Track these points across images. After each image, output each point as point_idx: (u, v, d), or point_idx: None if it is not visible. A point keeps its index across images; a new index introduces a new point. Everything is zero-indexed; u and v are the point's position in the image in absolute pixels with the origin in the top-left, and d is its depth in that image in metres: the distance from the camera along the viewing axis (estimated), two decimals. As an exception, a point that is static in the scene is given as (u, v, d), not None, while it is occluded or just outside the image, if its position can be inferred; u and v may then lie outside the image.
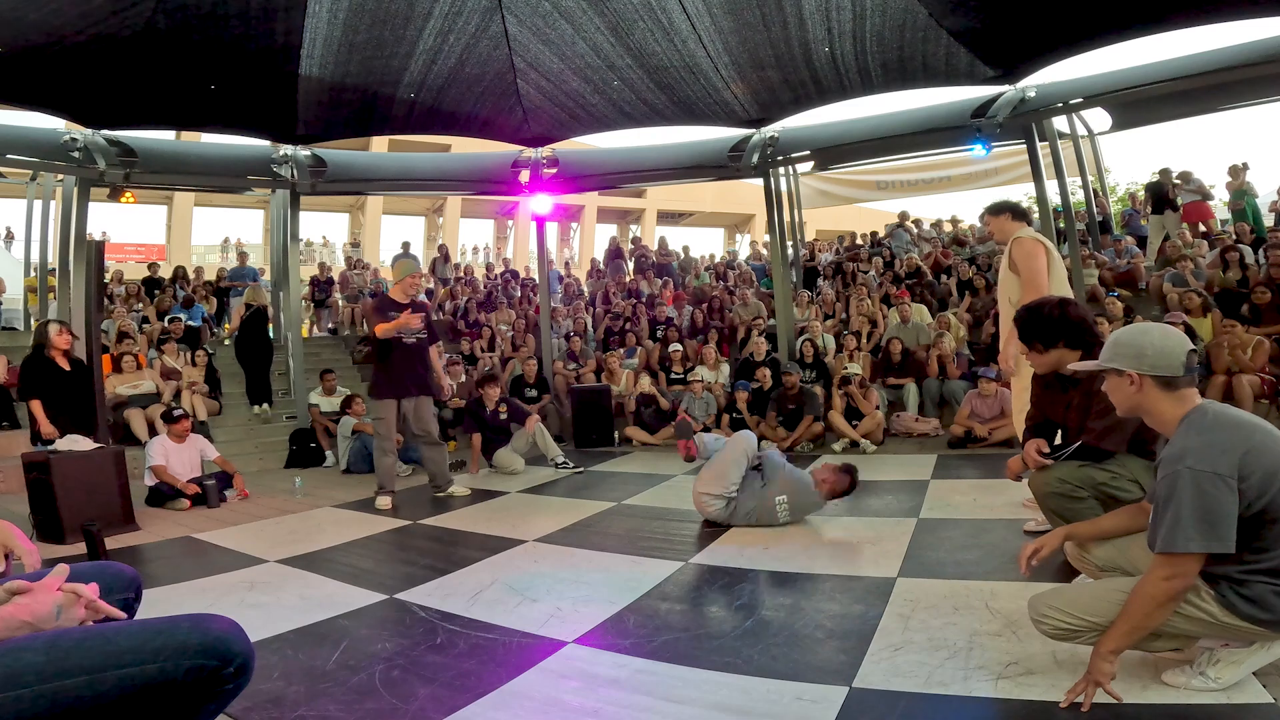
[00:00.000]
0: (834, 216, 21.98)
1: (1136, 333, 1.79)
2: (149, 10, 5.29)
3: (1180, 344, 1.74)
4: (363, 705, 1.97)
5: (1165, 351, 1.72)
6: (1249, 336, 5.95)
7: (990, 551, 3.10)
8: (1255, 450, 1.59)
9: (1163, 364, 1.72)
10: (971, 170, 11.77)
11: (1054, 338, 2.62)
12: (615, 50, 6.54)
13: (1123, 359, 1.77)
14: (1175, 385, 1.73)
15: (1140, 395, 1.77)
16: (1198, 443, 1.62)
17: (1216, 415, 1.69)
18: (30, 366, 5.02)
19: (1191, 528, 1.57)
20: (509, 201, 16.09)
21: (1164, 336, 1.75)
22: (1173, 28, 5.98)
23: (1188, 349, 1.73)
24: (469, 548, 3.74)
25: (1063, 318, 2.60)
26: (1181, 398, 1.74)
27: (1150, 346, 1.73)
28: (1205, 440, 1.62)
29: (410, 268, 5.28)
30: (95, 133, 6.97)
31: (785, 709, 1.86)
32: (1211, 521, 1.56)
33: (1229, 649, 1.73)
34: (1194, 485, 1.57)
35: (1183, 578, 1.60)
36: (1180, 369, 1.72)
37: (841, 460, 4.17)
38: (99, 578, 1.45)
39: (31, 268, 9.33)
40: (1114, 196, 16.95)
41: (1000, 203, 4.04)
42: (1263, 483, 1.57)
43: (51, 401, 4.95)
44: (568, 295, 12.26)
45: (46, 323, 5.28)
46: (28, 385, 4.99)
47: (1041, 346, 2.67)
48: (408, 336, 4.98)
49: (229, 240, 23.49)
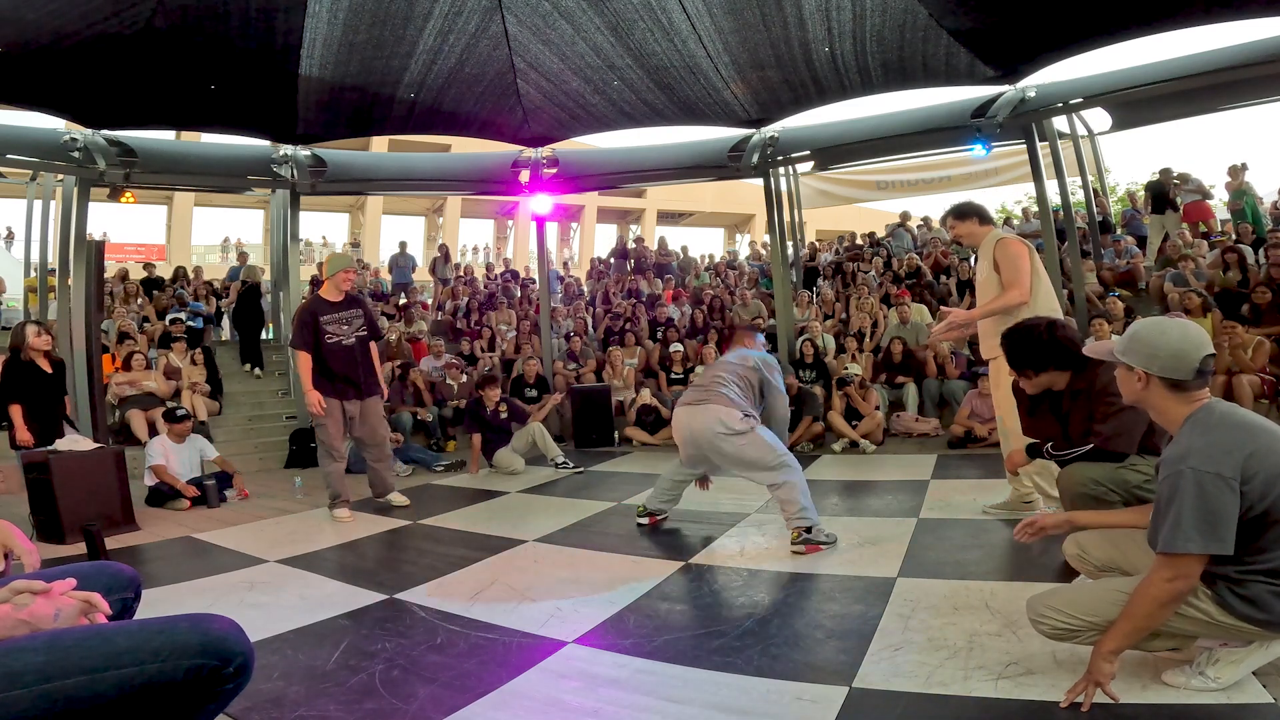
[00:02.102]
0: (834, 216, 22.00)
1: (1155, 331, 1.74)
2: (149, 10, 5.29)
3: (1197, 348, 1.69)
4: (363, 705, 1.97)
5: (1179, 355, 1.69)
6: (1249, 336, 5.94)
7: (990, 551, 3.10)
8: (1260, 452, 1.57)
9: (1173, 367, 1.69)
10: (971, 170, 11.76)
11: (1044, 362, 2.60)
12: (615, 50, 6.54)
13: (1135, 355, 1.75)
14: (1184, 388, 1.71)
15: (1145, 393, 1.76)
16: (1201, 443, 1.61)
17: (1223, 415, 1.67)
18: (9, 370, 4.85)
19: (1192, 528, 1.56)
20: (509, 201, 16.09)
21: (1182, 339, 1.70)
22: (1173, 28, 5.98)
23: (1204, 354, 1.69)
24: (469, 548, 3.74)
25: (1051, 341, 2.58)
26: (1189, 398, 1.72)
27: (1165, 349, 1.70)
28: (1209, 440, 1.61)
29: (343, 262, 5.00)
30: (95, 133, 6.97)
31: (785, 709, 1.86)
32: (1212, 523, 1.55)
33: (1228, 649, 1.73)
34: (1196, 486, 1.56)
35: (1185, 579, 1.59)
36: (1191, 374, 1.69)
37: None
38: (99, 578, 1.46)
39: (31, 268, 9.32)
40: (1114, 196, 16.95)
41: (965, 205, 3.87)
42: (1266, 485, 1.56)
43: (33, 404, 4.80)
44: (568, 295, 12.27)
45: (24, 324, 5.08)
46: (6, 390, 4.79)
47: (1032, 372, 2.65)
48: (346, 338, 4.70)
49: (229, 240, 23.52)
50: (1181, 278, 7.68)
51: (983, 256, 3.71)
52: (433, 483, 6.02)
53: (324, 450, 4.74)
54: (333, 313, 4.72)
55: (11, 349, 4.97)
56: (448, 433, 7.90)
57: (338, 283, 4.81)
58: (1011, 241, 3.58)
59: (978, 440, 5.99)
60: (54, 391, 4.96)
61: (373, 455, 4.93)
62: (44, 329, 5.02)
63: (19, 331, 4.99)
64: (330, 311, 4.72)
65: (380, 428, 4.97)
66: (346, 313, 4.76)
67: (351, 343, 4.74)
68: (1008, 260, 3.51)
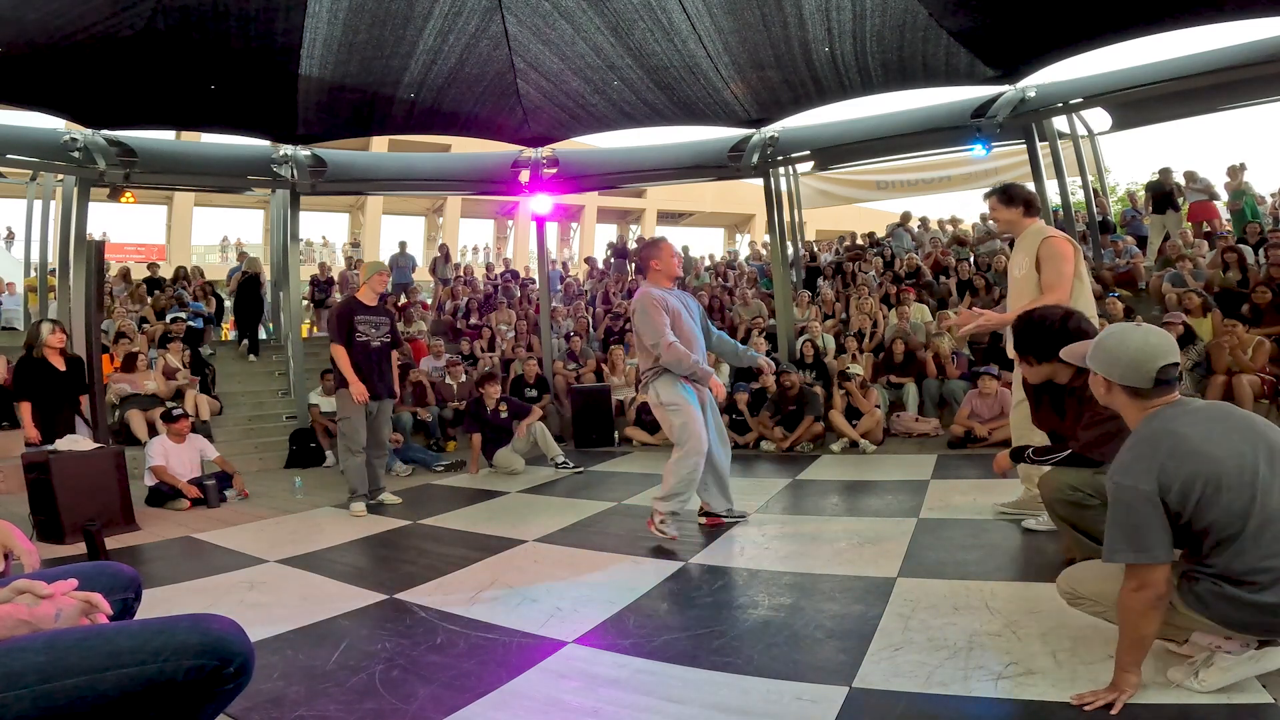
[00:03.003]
0: (834, 216, 21.99)
1: (1118, 340, 1.77)
2: (149, 10, 5.29)
3: (1155, 357, 1.70)
4: (363, 705, 1.97)
5: (1135, 365, 1.71)
6: (1249, 336, 5.94)
7: (990, 551, 3.10)
8: (1170, 467, 1.61)
9: (1131, 377, 1.73)
10: (971, 170, 11.77)
11: (1050, 351, 2.46)
12: (615, 50, 6.54)
13: (1098, 362, 1.79)
14: (1143, 395, 1.74)
15: (1110, 398, 1.81)
16: (1127, 457, 1.68)
17: (1157, 426, 1.69)
18: (22, 368, 4.95)
19: (1121, 540, 1.63)
20: (509, 201, 16.09)
21: (1141, 349, 1.71)
22: (1173, 28, 5.98)
23: (1163, 363, 1.69)
24: (469, 548, 3.74)
25: (1062, 331, 2.46)
26: (1149, 405, 1.74)
27: (1124, 357, 1.73)
28: (1134, 454, 1.67)
29: (378, 267, 5.26)
30: (95, 133, 6.98)
31: (785, 709, 1.86)
32: (1135, 535, 1.61)
33: (1222, 654, 1.73)
34: (1117, 499, 1.65)
35: (1150, 586, 1.62)
36: (1149, 383, 1.71)
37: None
38: (99, 578, 1.46)
39: (32, 268, 9.33)
40: (1114, 196, 16.95)
41: (1012, 189, 3.58)
42: (1181, 496, 1.60)
43: (46, 402, 4.90)
44: (568, 295, 12.27)
45: (39, 323, 5.21)
46: (19, 387, 4.93)
47: (1034, 360, 2.56)
48: (374, 340, 4.96)
49: (228, 240, 23.51)
50: (1180, 278, 7.68)
51: (1023, 250, 3.47)
52: (433, 483, 6.02)
53: (346, 444, 4.93)
54: (366, 314, 4.98)
55: (26, 346, 5.08)
56: (448, 433, 7.91)
57: (374, 285, 5.10)
58: (1059, 240, 3.32)
59: (978, 440, 5.99)
60: (66, 390, 5.02)
61: (374, 454, 5.10)
62: (59, 327, 5.13)
63: (35, 329, 5.10)
64: (364, 313, 4.99)
65: (386, 429, 5.23)
66: (377, 318, 5.05)
67: (378, 345, 5.01)
68: (1053, 261, 3.26)
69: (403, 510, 4.80)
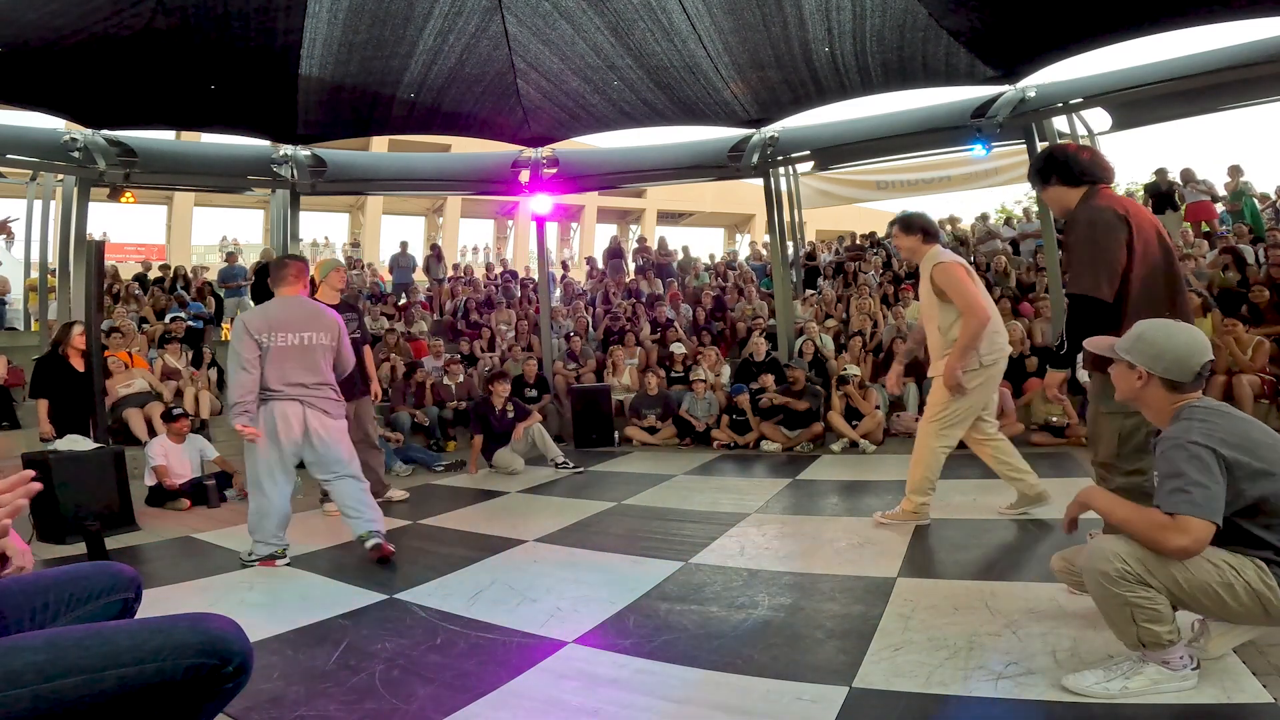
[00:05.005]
0: (834, 216, 21.97)
1: (1165, 334, 1.82)
2: (149, 10, 5.28)
3: (1201, 354, 1.78)
4: (363, 705, 1.97)
5: (1182, 360, 1.77)
6: (1249, 336, 5.94)
7: (990, 551, 3.10)
8: (1250, 443, 1.67)
9: (1175, 370, 1.78)
10: (971, 170, 11.76)
11: (1048, 173, 2.56)
12: (615, 50, 6.54)
13: (1139, 354, 1.82)
14: (1180, 389, 1.80)
15: (1142, 390, 1.83)
16: (1200, 427, 1.69)
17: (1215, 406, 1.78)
18: (43, 365, 5.09)
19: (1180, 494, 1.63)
20: (509, 201, 16.08)
21: (1188, 345, 1.79)
22: (1173, 28, 5.97)
23: (1205, 360, 1.78)
24: (469, 548, 3.74)
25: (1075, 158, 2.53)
26: (1180, 399, 1.81)
27: (1171, 352, 1.78)
28: (1209, 425, 1.69)
29: (334, 263, 5.19)
30: (95, 133, 6.97)
31: (785, 709, 1.86)
32: (1200, 490, 1.62)
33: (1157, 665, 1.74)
34: (1192, 455, 1.65)
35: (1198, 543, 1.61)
36: (1191, 376, 1.78)
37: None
38: (99, 578, 1.46)
39: (32, 268, 9.33)
40: (1114, 196, 16.90)
41: (911, 217, 3.78)
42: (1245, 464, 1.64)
43: (64, 401, 5.01)
44: (568, 295, 12.27)
45: (70, 324, 5.39)
46: (37, 384, 5.07)
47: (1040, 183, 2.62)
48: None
49: (226, 239, 23.48)
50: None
51: (924, 275, 3.66)
52: (433, 483, 6.02)
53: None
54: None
55: (52, 344, 5.29)
56: (448, 433, 7.90)
57: (331, 283, 4.94)
58: (950, 265, 3.52)
59: (978, 440, 5.97)
60: (85, 389, 5.09)
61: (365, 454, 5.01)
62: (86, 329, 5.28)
63: (65, 329, 5.33)
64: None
65: (371, 427, 5.15)
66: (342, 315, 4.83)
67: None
68: (951, 286, 3.47)
69: (403, 510, 4.79)
